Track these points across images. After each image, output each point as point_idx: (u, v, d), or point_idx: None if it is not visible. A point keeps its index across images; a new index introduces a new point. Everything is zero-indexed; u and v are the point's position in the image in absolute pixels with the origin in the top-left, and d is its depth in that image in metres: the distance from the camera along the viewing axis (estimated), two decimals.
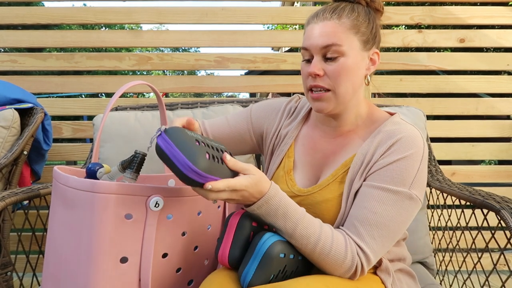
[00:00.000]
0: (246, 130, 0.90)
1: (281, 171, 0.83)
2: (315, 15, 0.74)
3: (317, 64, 0.71)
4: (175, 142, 0.57)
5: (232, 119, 0.92)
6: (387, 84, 1.82)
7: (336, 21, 0.71)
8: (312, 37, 0.72)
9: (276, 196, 0.63)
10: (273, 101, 0.93)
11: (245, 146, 0.92)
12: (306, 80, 0.75)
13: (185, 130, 0.60)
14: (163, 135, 0.58)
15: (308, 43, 0.72)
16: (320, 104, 0.74)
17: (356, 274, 0.66)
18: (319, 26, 0.71)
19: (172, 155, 0.56)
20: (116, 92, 0.80)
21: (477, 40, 1.84)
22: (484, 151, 1.85)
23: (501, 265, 1.80)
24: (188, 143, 0.57)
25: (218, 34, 1.79)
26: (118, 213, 0.62)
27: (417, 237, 1.15)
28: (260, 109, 0.91)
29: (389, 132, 0.72)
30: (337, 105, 0.74)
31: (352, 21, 0.71)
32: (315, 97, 0.74)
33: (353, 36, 0.71)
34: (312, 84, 0.73)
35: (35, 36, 1.75)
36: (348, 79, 0.72)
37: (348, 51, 0.71)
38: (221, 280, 0.65)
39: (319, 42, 0.70)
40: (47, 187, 1.05)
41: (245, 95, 20.06)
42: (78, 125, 1.79)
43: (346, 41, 0.70)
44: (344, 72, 0.71)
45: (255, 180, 0.61)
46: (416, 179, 0.68)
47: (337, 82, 0.71)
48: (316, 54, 0.72)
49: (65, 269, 0.65)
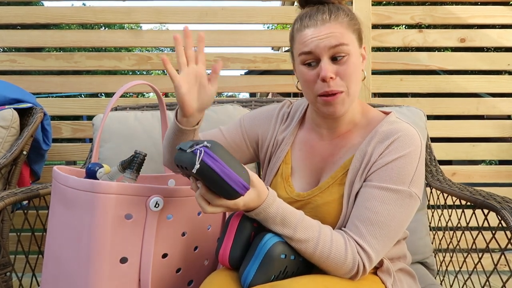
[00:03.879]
0: (242, 140, 0.89)
1: (279, 178, 0.82)
2: (308, 19, 0.72)
3: (328, 67, 0.69)
4: (223, 159, 0.56)
5: (226, 131, 0.90)
6: (387, 84, 1.82)
7: (337, 21, 0.71)
8: (316, 40, 0.69)
9: (274, 203, 0.64)
10: (263, 109, 0.91)
11: (243, 155, 0.91)
12: (314, 85, 0.72)
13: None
14: (209, 152, 0.56)
15: (313, 46, 0.70)
16: (334, 108, 0.72)
17: (358, 275, 0.66)
18: (322, 29, 0.70)
19: (224, 173, 0.56)
20: (117, 92, 0.80)
21: (477, 39, 1.84)
22: (484, 151, 1.84)
23: (501, 266, 1.79)
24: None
25: (218, 34, 1.79)
26: (118, 213, 0.62)
27: (418, 237, 1.15)
28: (251, 119, 0.90)
29: (386, 132, 0.72)
30: (349, 106, 0.74)
31: (348, 20, 0.72)
32: (329, 101, 0.70)
33: (352, 35, 0.72)
34: (328, 90, 0.70)
35: (35, 36, 1.75)
36: (357, 77, 0.72)
37: (352, 50, 0.71)
38: (222, 280, 0.65)
39: (328, 43, 0.69)
40: (46, 187, 1.05)
41: (245, 95, 20.05)
42: (77, 125, 1.78)
43: (350, 40, 0.71)
44: (354, 71, 0.71)
45: (253, 196, 0.62)
46: (415, 176, 0.68)
47: (349, 82, 0.70)
48: (323, 56, 0.70)
49: (64, 269, 0.65)
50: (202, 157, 0.56)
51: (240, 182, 0.57)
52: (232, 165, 0.57)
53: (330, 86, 0.70)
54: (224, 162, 0.56)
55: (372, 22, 1.78)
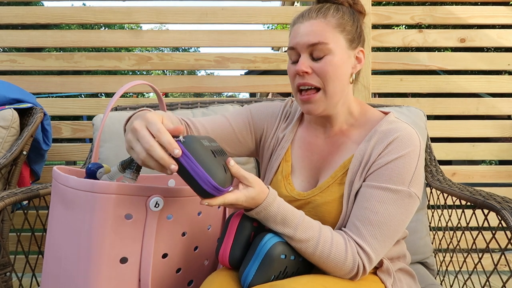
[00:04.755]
0: (248, 131, 0.88)
1: (279, 175, 0.82)
2: (300, 15, 0.75)
3: (304, 62, 0.71)
4: (194, 155, 0.53)
5: (232, 119, 0.87)
6: (387, 84, 1.82)
7: (322, 20, 0.71)
8: (298, 36, 0.72)
9: (274, 202, 0.64)
10: (270, 103, 0.92)
11: (243, 147, 0.89)
12: (294, 80, 0.75)
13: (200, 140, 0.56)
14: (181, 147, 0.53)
15: (294, 42, 0.73)
16: (310, 106, 0.74)
17: (358, 275, 0.66)
18: (305, 26, 0.72)
19: (193, 170, 0.53)
20: (117, 92, 0.79)
21: (477, 40, 1.84)
22: (484, 151, 1.84)
23: (501, 266, 1.79)
24: (207, 157, 0.54)
25: (218, 34, 1.79)
26: (118, 213, 0.62)
27: (418, 237, 1.15)
28: (260, 109, 0.90)
29: (385, 132, 0.72)
30: (327, 106, 0.74)
31: (338, 20, 0.72)
32: (305, 99, 0.73)
33: (339, 35, 0.72)
34: (301, 82, 0.72)
35: (35, 36, 1.75)
36: (336, 77, 0.72)
37: (335, 49, 0.71)
38: (222, 280, 0.65)
39: (306, 40, 0.71)
40: (46, 187, 1.05)
41: (245, 95, 20.05)
42: (77, 125, 1.78)
43: (332, 39, 0.71)
44: (331, 70, 0.71)
45: (252, 194, 0.61)
46: (414, 176, 0.68)
47: (326, 80, 0.71)
48: (303, 52, 0.72)
49: (64, 269, 0.64)
50: None
51: (209, 182, 0.54)
52: (206, 163, 0.54)
53: (304, 79, 0.72)
54: (195, 160, 0.53)
55: (372, 22, 1.78)
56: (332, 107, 0.75)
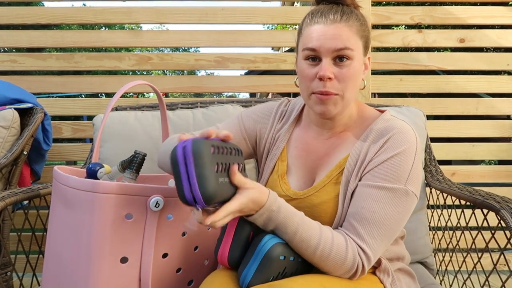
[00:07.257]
0: (241, 137, 0.88)
1: (275, 175, 0.82)
2: (319, 15, 0.71)
3: (328, 67, 0.69)
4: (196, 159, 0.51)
5: (224, 128, 0.89)
6: (387, 84, 1.82)
7: (346, 24, 0.69)
8: (322, 38, 0.69)
9: (274, 204, 0.64)
10: (261, 106, 0.91)
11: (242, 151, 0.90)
12: (311, 83, 0.71)
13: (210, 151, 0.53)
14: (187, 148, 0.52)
15: (317, 44, 0.69)
16: (325, 108, 0.71)
17: (357, 274, 0.66)
18: (330, 28, 0.69)
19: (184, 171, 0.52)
20: (117, 92, 0.80)
21: (477, 40, 1.84)
22: (484, 151, 1.85)
23: (501, 265, 1.79)
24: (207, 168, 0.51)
25: (218, 34, 1.79)
26: (118, 213, 0.62)
27: (417, 237, 1.15)
28: (250, 116, 0.90)
29: (381, 130, 0.72)
30: (342, 109, 0.73)
31: (359, 25, 0.71)
32: (323, 99, 0.70)
33: (359, 41, 0.71)
34: (323, 90, 0.69)
35: (35, 36, 1.75)
36: (355, 83, 0.71)
37: (356, 56, 0.70)
38: (221, 280, 0.65)
39: (332, 45, 0.68)
40: (47, 187, 1.05)
41: (245, 95, 20.04)
42: (78, 125, 1.79)
43: (355, 46, 0.70)
44: (353, 77, 0.70)
45: (252, 198, 0.60)
46: (411, 174, 0.68)
47: (346, 87, 0.70)
48: (326, 56, 0.69)
49: (65, 269, 0.65)
50: (177, 145, 0.53)
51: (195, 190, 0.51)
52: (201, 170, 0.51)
53: (326, 87, 0.69)
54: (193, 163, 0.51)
55: (372, 23, 1.78)
56: (343, 111, 0.75)
